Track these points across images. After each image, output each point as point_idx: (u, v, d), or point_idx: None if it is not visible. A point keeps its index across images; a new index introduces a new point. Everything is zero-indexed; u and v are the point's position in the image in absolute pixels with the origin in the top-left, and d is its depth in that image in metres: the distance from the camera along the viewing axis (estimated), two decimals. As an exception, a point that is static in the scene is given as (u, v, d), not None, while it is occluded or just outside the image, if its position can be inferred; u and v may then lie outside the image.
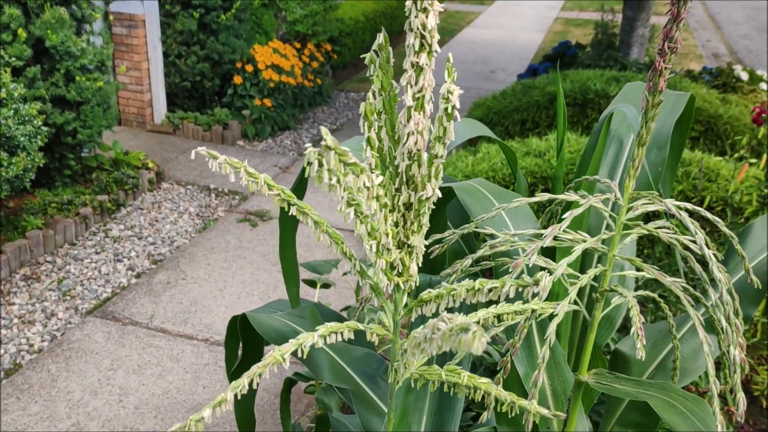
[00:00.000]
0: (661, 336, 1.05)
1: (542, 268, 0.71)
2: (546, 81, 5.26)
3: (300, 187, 1.02)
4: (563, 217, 0.66)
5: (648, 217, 3.44)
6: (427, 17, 0.56)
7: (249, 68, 5.65)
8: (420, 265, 0.57)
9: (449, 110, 0.58)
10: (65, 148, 4.24)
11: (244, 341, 1.00)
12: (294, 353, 0.59)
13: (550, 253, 0.92)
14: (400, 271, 0.57)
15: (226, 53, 5.55)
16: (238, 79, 5.63)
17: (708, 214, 0.76)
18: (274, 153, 5.62)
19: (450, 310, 0.65)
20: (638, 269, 0.71)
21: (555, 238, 0.72)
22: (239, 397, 0.53)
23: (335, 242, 0.59)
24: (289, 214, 0.66)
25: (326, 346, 0.89)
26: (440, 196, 0.57)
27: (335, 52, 6.99)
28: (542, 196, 0.74)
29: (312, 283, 2.40)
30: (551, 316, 0.65)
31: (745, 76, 5.83)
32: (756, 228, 1.07)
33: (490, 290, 0.45)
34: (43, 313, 3.45)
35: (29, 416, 2.78)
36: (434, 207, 0.62)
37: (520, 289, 0.45)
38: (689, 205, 0.75)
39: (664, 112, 0.97)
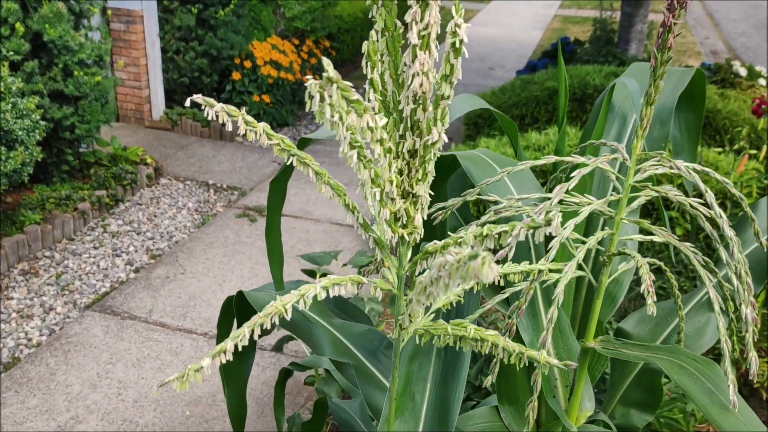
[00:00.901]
0: (664, 315, 1.04)
1: (548, 236, 0.71)
2: (545, 77, 5.26)
3: (286, 172, 1.01)
4: (572, 175, 0.64)
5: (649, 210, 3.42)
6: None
7: (247, 64, 5.65)
8: (425, 218, 0.56)
9: (457, 45, 0.55)
10: (63, 144, 4.23)
11: (239, 319, 0.99)
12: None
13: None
14: (404, 222, 0.56)
15: (225, 49, 5.54)
16: (236, 75, 5.62)
17: (717, 175, 0.76)
18: (273, 149, 5.60)
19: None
20: (648, 233, 0.71)
21: (561, 202, 0.72)
22: (239, 348, 0.52)
23: (337, 194, 0.57)
24: (288, 163, 0.65)
25: (327, 323, 0.89)
26: (446, 141, 0.56)
27: (334, 48, 6.98)
28: (548, 159, 0.73)
29: (312, 274, 2.40)
30: (556, 283, 0.65)
31: (743, 72, 5.83)
32: (761, 207, 1.07)
33: (499, 235, 0.44)
34: (41, 307, 3.44)
35: (28, 409, 2.77)
36: (436, 178, 0.61)
37: (531, 232, 0.44)
38: (698, 166, 0.75)
39: (669, 87, 0.96)
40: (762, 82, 5.72)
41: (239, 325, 0.99)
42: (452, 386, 0.71)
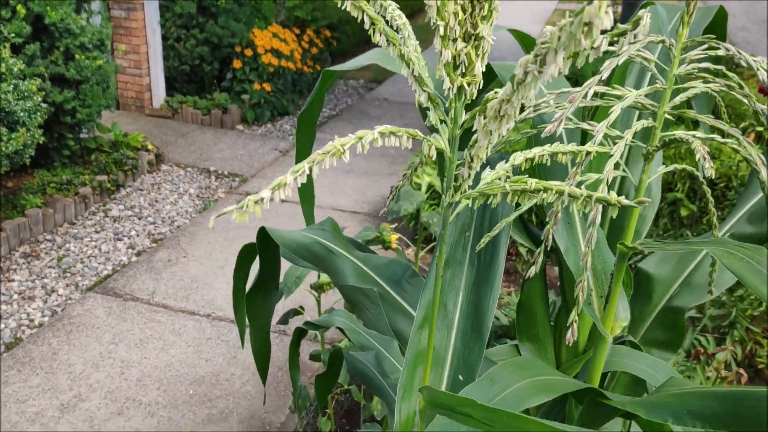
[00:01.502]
0: (685, 254, 1.04)
1: (584, 132, 0.69)
2: (547, 65, 5.24)
3: (314, 105, 0.99)
4: (621, 52, 0.63)
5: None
6: None
7: (248, 52, 5.62)
8: (484, 68, 0.54)
9: None
10: (64, 128, 4.21)
11: (261, 254, 0.98)
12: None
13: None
14: (464, 70, 0.54)
15: (226, 37, 5.52)
16: (237, 64, 5.60)
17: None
18: (274, 137, 5.59)
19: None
20: (693, 123, 0.69)
21: (602, 96, 0.71)
22: (298, 183, 0.50)
23: (392, 43, 0.55)
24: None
25: (350, 255, 0.88)
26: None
27: (334, 38, 6.96)
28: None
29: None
30: (593, 186, 0.63)
31: (744, 62, 5.82)
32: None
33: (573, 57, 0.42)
34: (43, 289, 3.43)
35: (30, 388, 2.76)
36: None
37: (613, 40, 0.41)
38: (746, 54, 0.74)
39: (694, 22, 0.96)
40: (763, 74, 5.71)
41: (261, 260, 0.98)
42: (486, 293, 0.70)
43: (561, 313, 1.08)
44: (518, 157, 0.56)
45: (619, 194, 1.01)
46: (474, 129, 0.50)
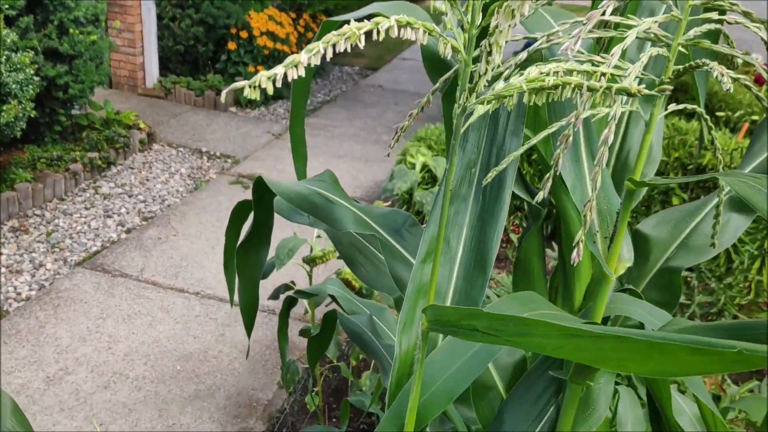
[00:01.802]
0: (683, 216, 1.04)
1: (593, 64, 0.69)
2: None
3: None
4: None
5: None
6: None
7: (243, 34, 5.59)
8: None
9: None
10: (56, 103, 4.17)
11: (256, 201, 0.98)
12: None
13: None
14: None
15: (221, 17, 5.49)
16: (232, 45, 5.57)
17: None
18: (267, 120, 5.56)
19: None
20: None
21: (616, 27, 0.70)
22: (311, 64, 0.49)
23: None
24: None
25: (349, 204, 0.87)
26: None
27: (330, 24, 6.92)
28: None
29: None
30: (599, 129, 0.63)
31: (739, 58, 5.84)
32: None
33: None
34: (31, 263, 3.40)
35: (16, 360, 2.73)
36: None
37: None
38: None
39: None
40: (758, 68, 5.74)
41: (256, 212, 0.97)
42: (490, 227, 0.69)
43: (557, 273, 1.08)
44: (533, 71, 0.56)
45: (621, 148, 1.00)
46: (492, 25, 0.49)
